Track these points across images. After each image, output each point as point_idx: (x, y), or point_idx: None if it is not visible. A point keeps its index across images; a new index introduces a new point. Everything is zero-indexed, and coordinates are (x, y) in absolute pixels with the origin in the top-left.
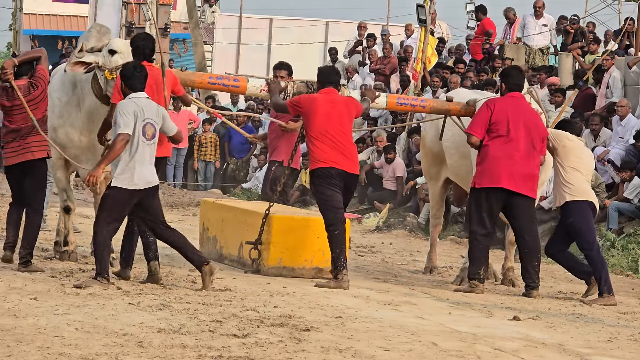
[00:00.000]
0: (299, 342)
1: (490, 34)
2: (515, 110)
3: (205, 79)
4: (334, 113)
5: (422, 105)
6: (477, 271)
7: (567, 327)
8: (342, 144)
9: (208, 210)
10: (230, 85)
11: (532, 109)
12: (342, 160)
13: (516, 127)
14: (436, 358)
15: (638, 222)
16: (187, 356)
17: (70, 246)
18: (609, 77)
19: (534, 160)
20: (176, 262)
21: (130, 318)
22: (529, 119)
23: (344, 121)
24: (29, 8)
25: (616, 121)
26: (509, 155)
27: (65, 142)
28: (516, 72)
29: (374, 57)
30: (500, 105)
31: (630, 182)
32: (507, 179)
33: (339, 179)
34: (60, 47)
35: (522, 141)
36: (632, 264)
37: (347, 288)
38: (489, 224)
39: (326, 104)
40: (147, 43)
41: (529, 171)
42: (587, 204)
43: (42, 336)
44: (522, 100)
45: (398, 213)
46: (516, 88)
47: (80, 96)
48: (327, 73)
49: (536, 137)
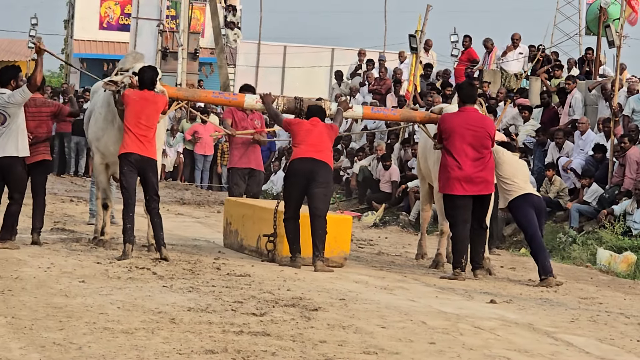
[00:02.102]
0: (309, 320)
1: (477, 61)
2: (462, 122)
3: (209, 94)
4: (314, 131)
5: (393, 113)
6: (460, 260)
7: (535, 310)
8: (318, 149)
9: (231, 207)
10: (230, 99)
11: (481, 116)
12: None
13: (462, 137)
14: (425, 334)
15: (595, 222)
16: (213, 331)
17: (105, 236)
18: (571, 98)
19: (485, 162)
20: (203, 251)
21: (164, 298)
22: (476, 126)
23: (324, 137)
24: (78, 34)
25: (577, 135)
26: (459, 165)
27: (104, 150)
28: (468, 86)
29: (371, 79)
30: (448, 119)
31: (589, 188)
32: (459, 186)
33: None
34: (106, 69)
35: (468, 149)
36: (591, 257)
37: (299, 267)
38: (466, 219)
39: (309, 126)
40: (149, 74)
41: (479, 174)
42: (523, 197)
43: (89, 313)
44: (472, 111)
45: (392, 212)
46: (468, 100)
47: (113, 112)
48: (314, 110)
49: (485, 140)
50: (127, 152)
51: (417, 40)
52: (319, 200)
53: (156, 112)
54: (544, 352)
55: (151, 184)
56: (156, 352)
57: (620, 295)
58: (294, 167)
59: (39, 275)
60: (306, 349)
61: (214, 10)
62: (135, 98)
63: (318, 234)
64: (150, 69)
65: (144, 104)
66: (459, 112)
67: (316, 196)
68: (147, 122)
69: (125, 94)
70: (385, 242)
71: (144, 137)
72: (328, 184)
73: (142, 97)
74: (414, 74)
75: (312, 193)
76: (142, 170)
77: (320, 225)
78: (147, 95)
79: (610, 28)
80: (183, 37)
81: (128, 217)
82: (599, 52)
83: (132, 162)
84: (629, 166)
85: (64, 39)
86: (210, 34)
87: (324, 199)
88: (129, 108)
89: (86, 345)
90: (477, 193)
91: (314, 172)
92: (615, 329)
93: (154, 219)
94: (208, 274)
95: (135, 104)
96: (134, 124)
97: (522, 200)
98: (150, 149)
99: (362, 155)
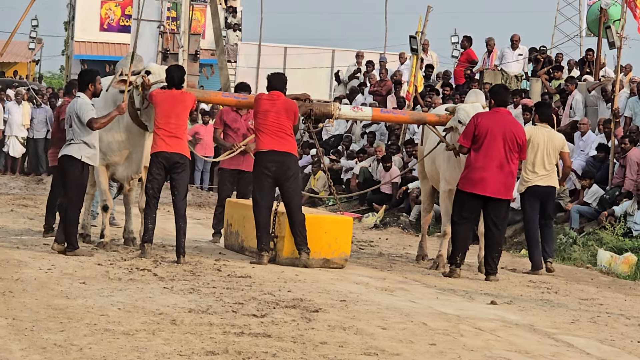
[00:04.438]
0: (309, 322)
1: (476, 62)
2: (496, 124)
3: (219, 94)
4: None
5: (402, 114)
6: (455, 257)
7: (536, 311)
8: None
9: (231, 208)
10: (240, 99)
11: (513, 120)
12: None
13: (493, 138)
14: (426, 335)
15: (596, 223)
16: (214, 332)
17: (105, 239)
18: (572, 100)
19: (508, 167)
20: (204, 253)
21: (165, 300)
22: (508, 129)
23: (281, 119)
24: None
25: (578, 137)
26: (485, 165)
27: (106, 150)
28: (503, 90)
29: (372, 81)
30: (483, 119)
31: (590, 189)
32: (482, 186)
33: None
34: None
35: (497, 152)
36: (591, 258)
37: (265, 264)
38: (469, 219)
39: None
40: (178, 73)
41: (501, 179)
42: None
43: (90, 314)
44: (506, 114)
45: (393, 213)
46: (502, 104)
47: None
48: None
49: (514, 146)
50: (156, 152)
51: (418, 41)
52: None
53: (185, 109)
54: (544, 353)
55: (181, 184)
56: (157, 353)
57: (620, 296)
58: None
59: (39, 277)
60: (307, 350)
61: (214, 12)
62: (164, 97)
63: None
64: (177, 68)
65: (173, 103)
66: (494, 113)
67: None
68: (177, 121)
69: (152, 94)
70: (385, 244)
71: (173, 136)
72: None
73: (170, 96)
74: (414, 76)
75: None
76: (172, 168)
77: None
78: (175, 94)
79: (611, 29)
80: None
81: (150, 217)
82: (600, 53)
83: (161, 162)
84: (630, 167)
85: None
86: (211, 36)
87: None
88: (159, 108)
89: (87, 346)
90: (495, 196)
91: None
92: (616, 330)
93: (178, 222)
94: (209, 276)
95: (164, 103)
96: (164, 123)
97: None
98: (182, 146)
99: (364, 156)
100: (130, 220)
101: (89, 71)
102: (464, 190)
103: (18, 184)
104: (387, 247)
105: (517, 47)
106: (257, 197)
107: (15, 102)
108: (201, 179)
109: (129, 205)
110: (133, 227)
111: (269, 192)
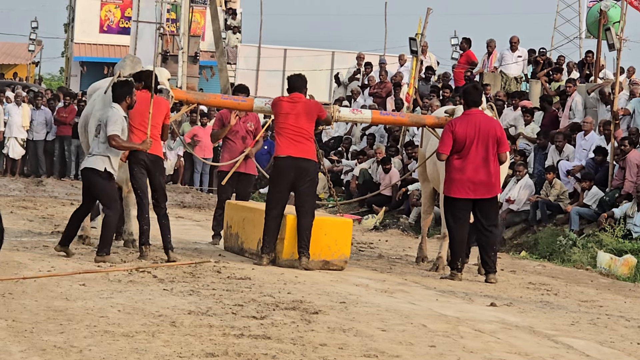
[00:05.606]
0: (309, 323)
1: (476, 64)
2: (471, 126)
3: (218, 97)
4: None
5: (402, 117)
6: (455, 262)
7: (536, 313)
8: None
9: (231, 210)
10: (239, 101)
11: (487, 118)
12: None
13: (472, 142)
14: (426, 337)
15: (595, 225)
16: (213, 334)
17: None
18: (571, 101)
19: (491, 167)
20: (204, 254)
21: (164, 302)
22: (483, 128)
23: (301, 121)
24: (79, 38)
25: (580, 136)
26: (464, 168)
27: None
28: (473, 90)
29: (372, 82)
30: (458, 125)
31: (589, 191)
32: (464, 190)
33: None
34: (106, 72)
35: (478, 154)
36: (591, 259)
37: (266, 265)
38: (463, 219)
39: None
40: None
41: (484, 179)
42: None
43: (90, 316)
44: (478, 114)
45: (392, 215)
46: (473, 104)
47: None
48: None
49: (493, 143)
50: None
51: (418, 43)
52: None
53: (160, 112)
54: (544, 355)
55: (159, 183)
56: (157, 355)
57: (620, 298)
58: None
59: (39, 279)
60: (306, 352)
61: (214, 14)
62: (139, 99)
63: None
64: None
65: (148, 105)
66: (465, 116)
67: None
68: (152, 122)
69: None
70: (385, 245)
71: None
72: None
73: (144, 97)
74: (414, 77)
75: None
76: (149, 169)
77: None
78: (148, 96)
79: (611, 31)
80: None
81: (143, 218)
82: (599, 55)
83: (141, 162)
84: (629, 169)
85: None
86: (211, 37)
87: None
88: (135, 109)
89: (87, 348)
90: (480, 197)
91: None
92: (616, 332)
93: (161, 220)
94: (208, 277)
95: (140, 104)
96: (139, 124)
97: None
98: (157, 147)
99: (364, 158)
100: (129, 222)
101: (125, 83)
102: (450, 196)
103: (18, 185)
104: (387, 248)
105: (516, 49)
106: (271, 203)
107: (15, 103)
108: (200, 180)
109: (128, 207)
110: (133, 229)
111: (283, 199)
